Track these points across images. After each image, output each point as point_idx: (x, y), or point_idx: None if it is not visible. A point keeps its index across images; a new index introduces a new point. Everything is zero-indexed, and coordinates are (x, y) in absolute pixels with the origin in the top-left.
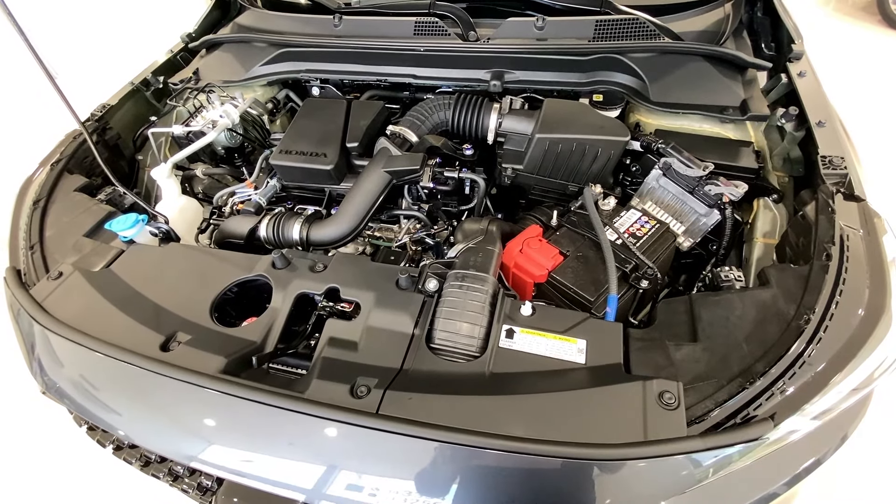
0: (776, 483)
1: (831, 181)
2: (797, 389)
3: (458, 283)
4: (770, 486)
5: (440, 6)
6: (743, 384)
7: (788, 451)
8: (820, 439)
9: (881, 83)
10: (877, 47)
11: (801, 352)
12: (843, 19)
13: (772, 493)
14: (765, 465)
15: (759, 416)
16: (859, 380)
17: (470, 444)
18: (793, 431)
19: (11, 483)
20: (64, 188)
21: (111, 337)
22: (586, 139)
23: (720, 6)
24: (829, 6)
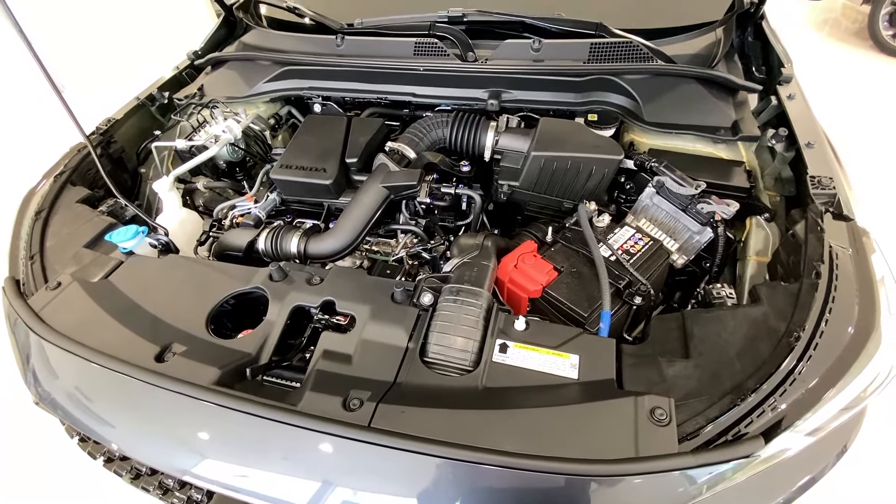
0: (771, 501)
1: (820, 200)
2: (788, 406)
3: (452, 298)
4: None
5: (440, 28)
6: (734, 401)
7: (783, 469)
8: (815, 457)
9: (872, 105)
10: (868, 71)
11: (791, 369)
12: (836, 44)
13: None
14: (759, 482)
15: (751, 433)
16: (850, 397)
17: (462, 459)
18: (785, 449)
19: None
20: (66, 200)
21: (107, 347)
22: (581, 157)
23: (711, 31)
24: (824, 31)
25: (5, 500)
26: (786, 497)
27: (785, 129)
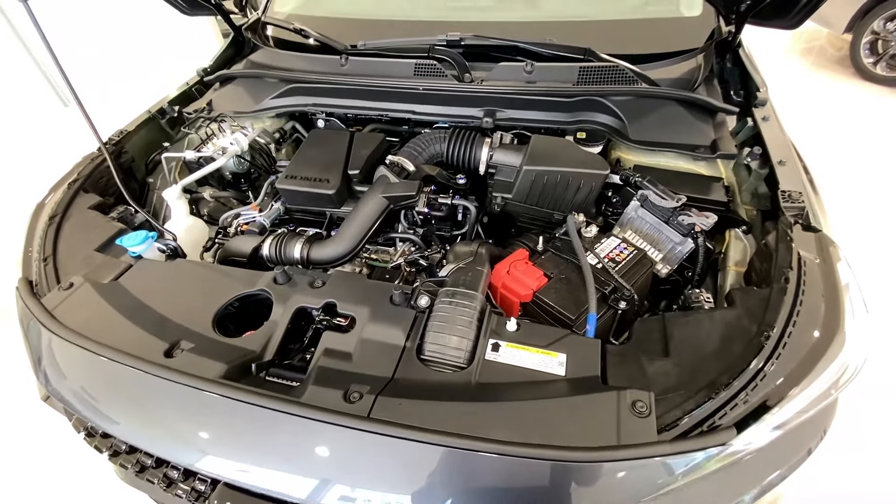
0: (743, 493)
1: (790, 213)
2: (758, 400)
3: (448, 300)
4: (737, 496)
5: (438, 50)
6: (709, 395)
7: (753, 463)
8: (784, 452)
9: (853, 127)
10: (850, 95)
11: (761, 366)
12: (820, 71)
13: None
14: (732, 475)
15: (724, 424)
16: (816, 392)
17: (455, 447)
18: (755, 440)
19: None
20: (79, 206)
21: (118, 344)
22: (569, 172)
23: (692, 57)
24: (809, 60)
25: (12, 497)
26: (758, 489)
27: (759, 147)
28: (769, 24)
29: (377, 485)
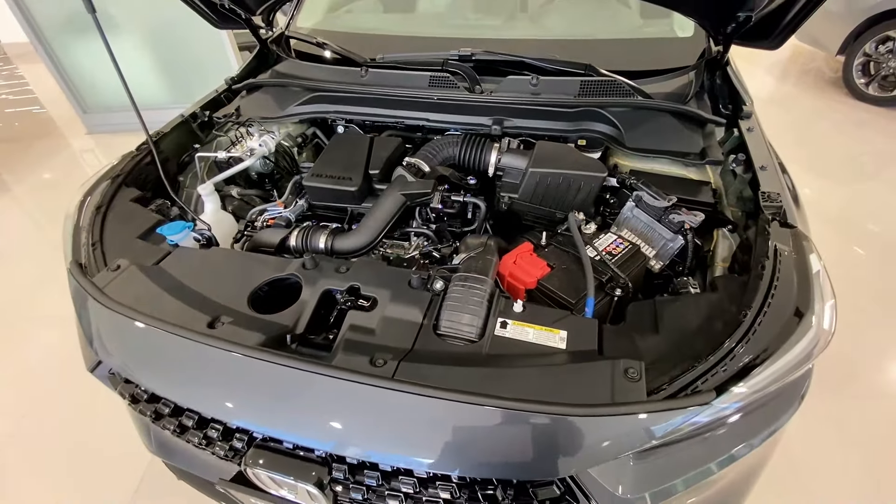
0: (715, 457)
1: (769, 211)
2: (737, 368)
3: (461, 283)
4: (725, 453)
5: (451, 64)
6: (693, 364)
7: (737, 424)
8: (765, 415)
9: (844, 143)
10: (844, 114)
11: (740, 338)
12: (816, 92)
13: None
14: (718, 433)
15: (704, 388)
16: (790, 361)
17: (468, 402)
18: (734, 401)
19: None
20: (121, 198)
21: (165, 316)
22: (570, 174)
23: (685, 74)
24: (807, 80)
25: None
26: (744, 446)
27: (743, 155)
28: (753, 45)
29: (399, 437)
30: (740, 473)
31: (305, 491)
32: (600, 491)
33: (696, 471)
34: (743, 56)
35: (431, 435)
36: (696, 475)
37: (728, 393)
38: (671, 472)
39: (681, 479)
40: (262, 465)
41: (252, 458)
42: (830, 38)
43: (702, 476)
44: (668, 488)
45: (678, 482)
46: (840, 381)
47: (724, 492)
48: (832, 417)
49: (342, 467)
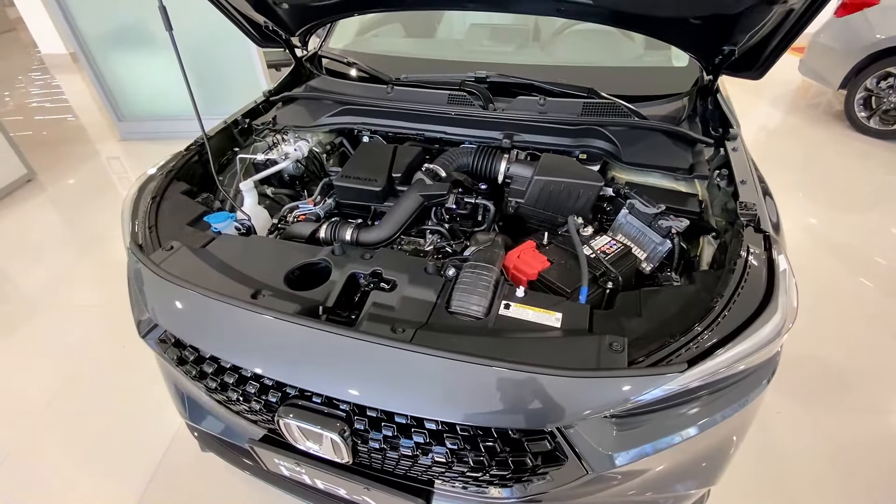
0: (686, 426)
1: (745, 218)
2: (707, 347)
3: (471, 270)
4: (682, 428)
5: (468, 85)
6: (667, 342)
7: (697, 406)
8: (722, 400)
9: (845, 174)
10: (846, 146)
11: (709, 323)
12: (820, 126)
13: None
14: (679, 412)
15: (677, 361)
16: (752, 345)
17: (474, 363)
18: (704, 373)
19: None
20: (172, 190)
21: (215, 288)
22: (571, 182)
23: (678, 99)
24: (817, 113)
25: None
26: (717, 416)
27: (727, 171)
28: (740, 75)
29: (413, 392)
30: (713, 445)
31: (329, 440)
32: (586, 447)
33: (669, 437)
34: (748, 89)
35: (441, 391)
36: (668, 440)
37: (698, 366)
38: (647, 436)
39: (653, 442)
40: (293, 416)
41: (285, 412)
42: (832, 73)
43: (673, 441)
44: (643, 450)
45: (650, 445)
46: (837, 397)
47: (697, 459)
48: (823, 428)
49: (363, 419)
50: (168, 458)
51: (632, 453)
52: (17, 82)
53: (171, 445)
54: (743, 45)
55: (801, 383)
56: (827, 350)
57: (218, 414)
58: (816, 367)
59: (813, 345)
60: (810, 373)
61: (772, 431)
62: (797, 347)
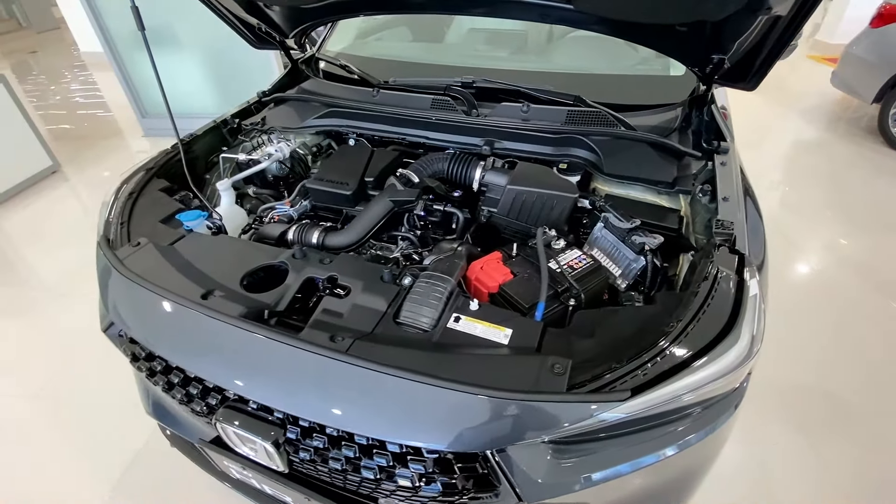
0: (629, 458)
1: (720, 238)
2: (656, 375)
3: (426, 280)
4: (625, 460)
5: (453, 89)
6: (614, 366)
7: (643, 437)
8: (675, 433)
9: (882, 192)
10: (878, 162)
11: (663, 348)
12: (850, 141)
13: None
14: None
15: (621, 387)
16: (705, 377)
17: (404, 378)
18: (648, 404)
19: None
20: (151, 187)
21: (168, 287)
22: (544, 193)
23: (671, 110)
24: (838, 131)
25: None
26: (654, 454)
27: (709, 185)
28: (734, 86)
29: (344, 405)
30: (671, 476)
31: (264, 448)
32: (519, 474)
33: (616, 467)
34: (778, 100)
35: (370, 405)
36: (614, 471)
37: (643, 395)
38: (589, 466)
39: (597, 473)
40: (228, 421)
41: (222, 416)
42: (866, 85)
43: (621, 472)
44: (584, 480)
45: (594, 475)
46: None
47: (653, 492)
48: (826, 464)
49: (296, 429)
50: (150, 445)
51: (569, 483)
52: (62, 77)
53: (154, 435)
54: (733, 54)
55: (807, 414)
56: (840, 380)
57: (175, 412)
58: (826, 398)
59: (825, 373)
60: (818, 403)
61: (768, 464)
62: (806, 376)
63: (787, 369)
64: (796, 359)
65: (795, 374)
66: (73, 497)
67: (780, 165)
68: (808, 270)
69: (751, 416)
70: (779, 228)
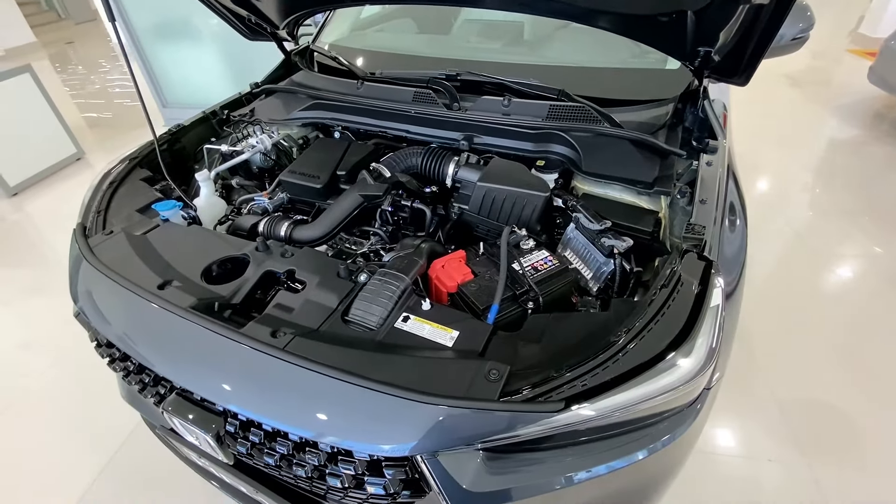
0: (563, 472)
1: (689, 243)
2: (593, 387)
3: (379, 277)
4: (558, 474)
5: (436, 82)
6: (551, 375)
7: (582, 451)
8: (615, 447)
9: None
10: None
11: (605, 359)
12: (887, 142)
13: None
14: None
15: (555, 397)
16: (658, 389)
17: (335, 378)
18: (583, 417)
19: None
20: (133, 177)
21: (130, 276)
22: (514, 191)
23: (662, 106)
24: (878, 131)
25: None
26: (590, 469)
27: (688, 186)
28: (726, 81)
29: (277, 401)
30: (619, 489)
31: (206, 440)
32: (448, 481)
33: (552, 478)
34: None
35: (300, 403)
36: (550, 482)
37: (579, 406)
38: (525, 476)
39: (532, 484)
40: (174, 411)
41: (170, 405)
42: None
43: (556, 484)
44: (512, 490)
45: (522, 487)
46: (846, 454)
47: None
48: (821, 486)
49: (234, 423)
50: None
51: (502, 494)
52: (100, 67)
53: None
54: (720, 46)
55: (808, 431)
56: (851, 398)
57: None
58: (831, 417)
59: (838, 390)
60: (822, 421)
61: (760, 481)
62: (817, 392)
63: (795, 383)
64: (808, 373)
65: (804, 389)
66: (67, 469)
67: (812, 166)
68: (836, 280)
69: (748, 429)
70: (808, 233)
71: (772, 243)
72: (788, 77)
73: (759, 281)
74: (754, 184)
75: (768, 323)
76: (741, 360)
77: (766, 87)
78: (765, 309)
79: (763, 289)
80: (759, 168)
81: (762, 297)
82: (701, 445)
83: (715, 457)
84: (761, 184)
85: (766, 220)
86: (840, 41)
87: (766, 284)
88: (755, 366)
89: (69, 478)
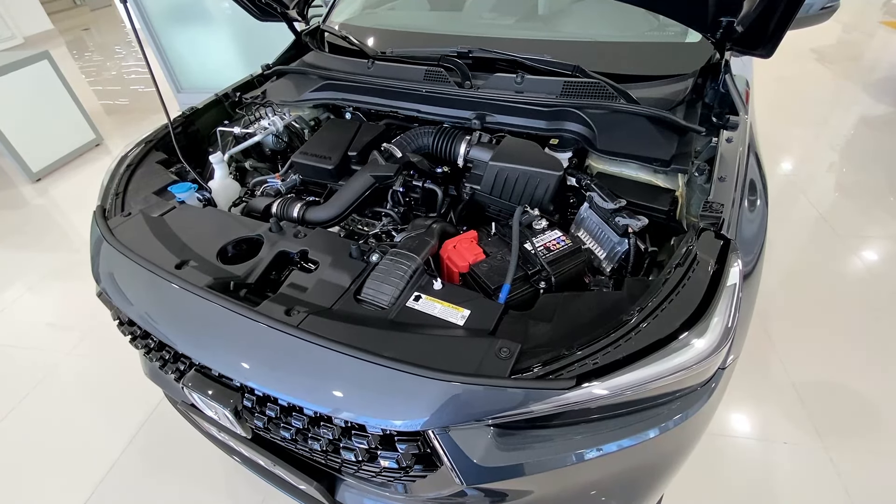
0: (575, 449)
1: (707, 221)
2: (605, 365)
3: (391, 257)
4: (570, 450)
5: (448, 59)
6: (563, 353)
7: (593, 428)
8: (625, 425)
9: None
10: None
11: (617, 338)
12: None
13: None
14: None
15: (566, 375)
16: (670, 368)
17: (349, 354)
18: (594, 395)
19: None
20: (149, 159)
21: (149, 256)
22: (526, 170)
23: (681, 81)
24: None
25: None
26: (602, 446)
27: (706, 164)
28: (749, 53)
29: (292, 377)
30: (622, 474)
31: (225, 415)
32: (459, 456)
33: (564, 455)
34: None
35: (316, 379)
36: (562, 459)
37: (590, 384)
38: (536, 452)
39: (543, 460)
40: (193, 387)
41: (190, 381)
42: None
43: (567, 461)
44: (523, 466)
45: (533, 463)
46: (863, 437)
47: (603, 488)
48: (838, 468)
49: (251, 398)
50: (164, 405)
51: (512, 469)
52: (115, 53)
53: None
54: (744, 16)
55: (824, 414)
56: (870, 381)
57: (163, 375)
58: (849, 399)
59: (856, 373)
60: (839, 404)
61: (773, 464)
62: (834, 374)
63: (813, 365)
64: (826, 356)
65: (821, 371)
66: (95, 444)
67: (839, 145)
68: (859, 262)
69: (764, 411)
70: (832, 214)
71: (794, 224)
72: (816, 52)
73: (778, 262)
74: (778, 163)
75: (787, 305)
76: (758, 341)
77: (794, 63)
78: (783, 291)
79: (782, 270)
80: (783, 147)
81: (781, 278)
82: (716, 428)
83: (730, 439)
84: (785, 163)
85: (788, 200)
86: (873, 13)
87: (786, 266)
88: (772, 348)
89: (97, 452)
